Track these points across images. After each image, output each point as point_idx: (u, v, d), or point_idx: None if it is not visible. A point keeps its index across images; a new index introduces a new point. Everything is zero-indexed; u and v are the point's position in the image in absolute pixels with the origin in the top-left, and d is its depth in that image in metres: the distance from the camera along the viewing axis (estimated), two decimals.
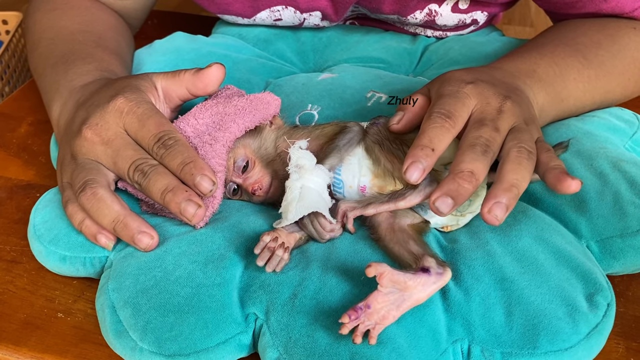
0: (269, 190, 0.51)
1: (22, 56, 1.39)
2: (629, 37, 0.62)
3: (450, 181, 0.42)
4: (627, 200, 0.49)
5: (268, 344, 0.41)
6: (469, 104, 0.47)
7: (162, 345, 0.41)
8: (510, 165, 0.43)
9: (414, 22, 0.73)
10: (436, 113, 0.45)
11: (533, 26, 1.87)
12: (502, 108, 0.46)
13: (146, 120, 0.48)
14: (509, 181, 0.42)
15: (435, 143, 0.44)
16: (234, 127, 0.50)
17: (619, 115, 0.61)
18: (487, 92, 0.48)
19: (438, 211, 0.42)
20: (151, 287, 0.44)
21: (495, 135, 0.44)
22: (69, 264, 0.49)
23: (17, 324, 0.47)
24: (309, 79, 0.68)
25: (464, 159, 0.43)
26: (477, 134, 0.44)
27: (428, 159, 0.43)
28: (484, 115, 0.46)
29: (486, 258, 0.45)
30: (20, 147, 0.66)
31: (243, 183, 0.51)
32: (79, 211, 0.48)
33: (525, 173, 0.43)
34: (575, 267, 0.45)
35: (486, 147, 0.43)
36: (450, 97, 0.47)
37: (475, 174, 0.42)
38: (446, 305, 0.43)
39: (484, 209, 0.41)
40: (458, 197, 0.42)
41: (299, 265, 0.45)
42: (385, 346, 0.40)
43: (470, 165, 0.42)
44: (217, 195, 0.49)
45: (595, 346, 0.42)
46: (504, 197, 0.41)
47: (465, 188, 0.42)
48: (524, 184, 0.43)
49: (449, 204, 0.41)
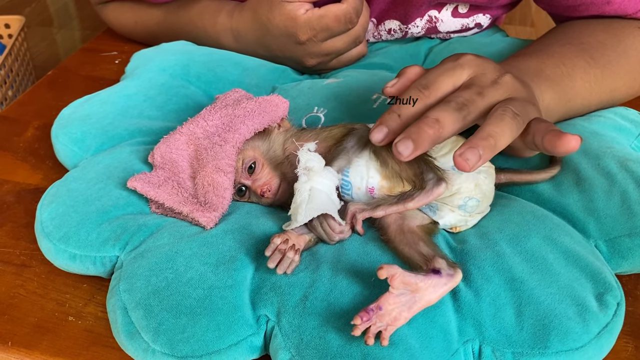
0: (277, 192, 0.51)
1: (25, 60, 1.40)
2: (634, 37, 0.62)
3: (413, 125, 0.43)
4: (635, 200, 0.49)
5: (280, 346, 0.42)
6: (457, 74, 0.46)
7: (175, 347, 0.41)
8: (491, 120, 0.42)
9: (416, 31, 0.74)
10: (416, 83, 0.47)
11: (534, 26, 1.87)
12: (498, 80, 0.46)
13: None
14: (486, 131, 0.41)
15: (402, 109, 0.45)
16: (243, 128, 0.51)
17: (625, 115, 0.61)
18: (487, 64, 0.47)
19: (398, 153, 0.42)
20: (163, 288, 0.44)
21: (477, 98, 0.44)
22: (79, 262, 0.49)
23: (29, 327, 0.47)
24: (314, 83, 0.68)
25: (434, 109, 0.43)
26: (457, 94, 0.44)
27: (393, 123, 0.45)
28: (473, 82, 0.46)
29: (495, 258, 0.46)
30: (27, 151, 0.67)
31: (252, 185, 0.52)
32: None
33: (505, 128, 0.42)
34: (585, 266, 0.45)
35: (461, 106, 0.43)
36: (439, 67, 0.47)
37: (441, 122, 0.42)
38: (457, 306, 0.43)
39: (456, 153, 0.41)
40: (418, 140, 0.42)
41: (309, 267, 0.45)
42: (397, 347, 0.40)
43: (438, 113, 0.43)
44: (226, 196, 0.49)
45: (606, 345, 0.42)
46: (479, 145, 0.41)
47: (427, 132, 0.42)
48: (502, 138, 0.42)
49: (409, 147, 0.42)
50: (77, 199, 0.51)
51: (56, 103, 0.74)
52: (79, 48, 0.89)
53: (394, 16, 0.72)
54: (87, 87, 0.78)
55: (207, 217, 0.48)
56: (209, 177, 0.50)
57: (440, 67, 0.47)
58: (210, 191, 0.50)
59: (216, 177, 0.50)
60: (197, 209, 0.49)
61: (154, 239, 0.48)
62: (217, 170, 0.50)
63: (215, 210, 0.49)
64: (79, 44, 1.89)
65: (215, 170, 0.50)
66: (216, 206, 0.49)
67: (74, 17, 2.10)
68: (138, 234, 0.49)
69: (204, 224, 0.48)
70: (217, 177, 0.50)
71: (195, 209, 0.49)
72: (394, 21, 0.72)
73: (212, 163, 0.50)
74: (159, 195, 0.50)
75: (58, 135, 0.61)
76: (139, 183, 0.51)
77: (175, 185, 0.51)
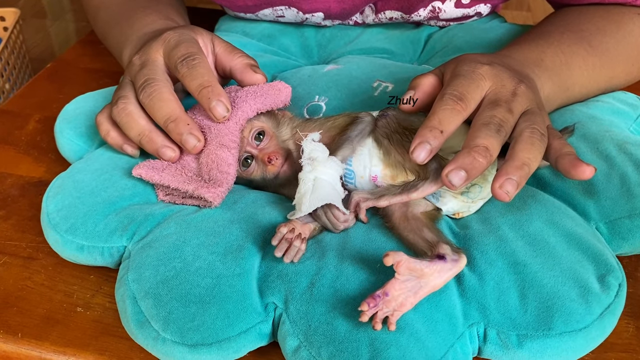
0: (283, 165, 0.52)
1: (21, 53, 1.39)
2: (633, 23, 0.62)
3: (465, 155, 0.42)
4: (634, 182, 0.50)
5: (288, 333, 0.42)
6: (483, 85, 0.47)
7: (185, 335, 0.42)
8: (522, 145, 0.43)
9: (417, 19, 0.74)
10: (448, 94, 0.45)
11: (530, 10, 1.87)
12: (517, 91, 0.47)
13: (180, 44, 0.53)
14: (520, 159, 0.42)
15: (445, 125, 0.44)
16: (246, 106, 0.52)
17: (623, 99, 0.62)
18: (502, 74, 0.48)
19: (450, 184, 0.42)
20: (172, 277, 0.44)
21: (509, 116, 0.45)
22: (86, 253, 0.49)
23: (38, 319, 0.48)
24: (314, 71, 0.68)
25: (479, 135, 0.43)
26: (491, 114, 0.44)
27: (436, 140, 0.44)
28: (498, 97, 0.46)
29: (498, 243, 0.46)
30: (29, 144, 0.67)
31: (258, 153, 0.52)
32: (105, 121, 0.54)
33: (536, 153, 0.43)
34: (586, 249, 0.46)
35: (499, 127, 0.44)
36: (465, 77, 0.47)
37: (490, 150, 0.43)
38: (461, 290, 0.44)
39: (495, 185, 0.42)
40: (472, 170, 0.42)
41: (315, 255, 0.46)
42: (404, 331, 0.41)
43: (485, 141, 0.43)
44: (230, 172, 0.50)
45: (608, 326, 0.43)
46: (515, 174, 0.42)
47: (480, 162, 0.42)
48: (534, 163, 0.43)
49: (462, 177, 0.42)
50: (83, 190, 0.52)
51: (57, 96, 0.74)
52: (74, 40, 0.89)
53: (396, 7, 0.72)
54: (87, 79, 0.78)
55: (213, 192, 0.49)
56: (213, 153, 0.50)
57: (464, 77, 0.47)
58: (214, 168, 0.50)
59: (220, 153, 0.50)
60: (202, 186, 0.49)
61: (161, 228, 0.49)
62: (221, 146, 0.50)
63: (221, 185, 0.49)
64: (73, 36, 1.88)
65: (219, 146, 0.50)
66: (221, 182, 0.49)
67: (68, 10, 2.09)
68: (145, 224, 0.49)
69: (211, 199, 0.49)
70: (220, 152, 0.50)
71: (200, 186, 0.49)
72: (395, 11, 0.73)
73: (216, 140, 0.51)
74: (164, 179, 0.50)
75: (63, 129, 0.61)
76: (144, 170, 0.51)
77: (179, 167, 0.52)
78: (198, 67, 0.51)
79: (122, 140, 0.54)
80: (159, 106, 0.51)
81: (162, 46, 0.54)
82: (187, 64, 0.51)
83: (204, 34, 0.57)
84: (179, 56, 0.52)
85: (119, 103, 0.53)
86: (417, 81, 0.51)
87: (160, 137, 0.52)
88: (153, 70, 0.53)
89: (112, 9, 0.71)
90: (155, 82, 0.52)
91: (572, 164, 0.44)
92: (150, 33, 0.61)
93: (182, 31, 0.56)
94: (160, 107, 0.51)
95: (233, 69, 0.56)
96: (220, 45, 0.57)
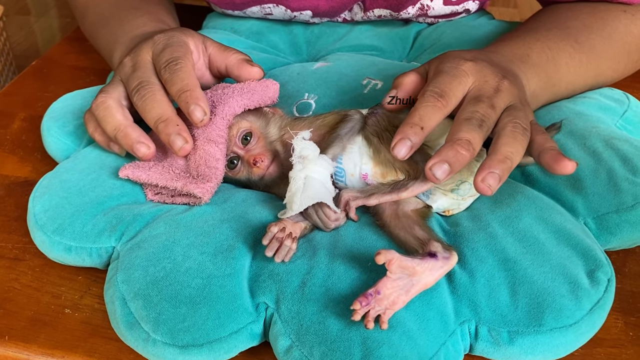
0: (269, 166, 0.52)
1: (5, 50, 1.37)
2: (619, 20, 0.62)
3: (447, 148, 0.43)
4: (621, 177, 0.50)
5: (280, 332, 0.42)
6: (465, 82, 0.47)
7: (176, 336, 0.41)
8: (504, 139, 0.44)
9: (406, 17, 0.74)
10: (430, 91, 0.46)
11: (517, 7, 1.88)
12: (500, 87, 0.47)
13: (166, 48, 0.53)
14: (503, 153, 0.43)
15: (425, 121, 0.45)
16: (232, 102, 0.51)
17: (609, 95, 0.62)
18: (486, 70, 0.48)
19: (434, 177, 0.42)
20: (161, 278, 0.44)
21: (491, 112, 0.45)
22: (74, 254, 0.49)
23: (25, 321, 0.47)
24: (303, 68, 0.68)
25: (461, 129, 0.43)
26: (473, 109, 0.45)
27: (416, 137, 0.44)
28: (481, 93, 0.46)
29: (489, 240, 0.46)
30: (14, 143, 0.66)
31: (245, 154, 0.52)
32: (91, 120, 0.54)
33: (519, 147, 0.44)
34: (575, 244, 0.46)
35: (481, 122, 0.44)
36: (447, 74, 0.47)
37: (472, 143, 0.43)
38: (452, 287, 0.44)
39: (477, 178, 0.42)
40: (455, 163, 0.42)
41: (306, 254, 0.46)
42: (396, 330, 0.41)
43: (467, 134, 0.43)
44: (219, 167, 0.50)
45: (598, 321, 0.43)
46: (497, 168, 0.42)
47: (462, 155, 0.42)
48: (517, 157, 0.43)
49: (445, 170, 0.42)
50: (71, 190, 0.51)
51: (42, 94, 0.73)
52: (58, 37, 0.88)
53: (385, 5, 0.72)
54: (73, 77, 0.77)
55: (202, 187, 0.48)
56: (200, 149, 0.50)
57: (447, 74, 0.47)
58: (203, 163, 0.50)
59: (207, 148, 0.50)
60: (190, 182, 0.49)
61: (150, 228, 0.48)
62: (208, 142, 0.50)
63: (209, 181, 0.49)
64: (57, 32, 1.86)
65: (207, 141, 0.50)
66: (210, 177, 0.49)
67: (52, 6, 2.06)
68: (134, 224, 0.49)
69: (200, 195, 0.48)
70: (208, 148, 0.50)
71: (189, 182, 0.49)
72: (384, 9, 0.73)
73: (203, 136, 0.50)
74: (151, 177, 0.50)
75: (50, 128, 0.60)
76: (130, 170, 0.51)
77: (166, 165, 0.51)
78: (179, 72, 0.51)
79: (109, 137, 0.54)
80: (151, 107, 0.51)
81: (152, 49, 0.55)
82: (169, 69, 0.51)
83: (195, 35, 0.57)
84: (163, 61, 0.52)
85: (98, 97, 0.53)
86: (400, 80, 0.51)
87: (137, 132, 0.51)
88: (146, 73, 0.53)
89: (101, 8, 0.71)
90: (149, 84, 0.52)
91: (554, 159, 0.44)
92: (141, 35, 0.61)
93: (172, 34, 0.56)
94: (152, 108, 0.51)
95: (228, 65, 0.56)
96: (213, 45, 0.57)
